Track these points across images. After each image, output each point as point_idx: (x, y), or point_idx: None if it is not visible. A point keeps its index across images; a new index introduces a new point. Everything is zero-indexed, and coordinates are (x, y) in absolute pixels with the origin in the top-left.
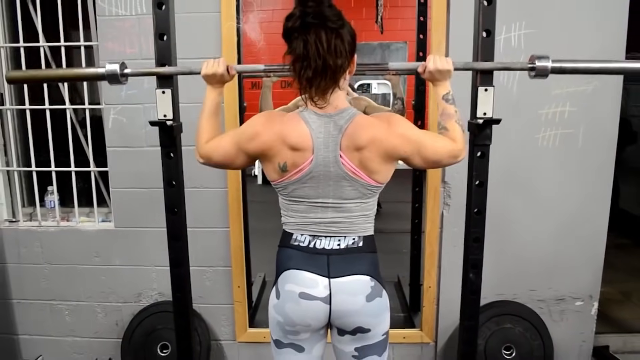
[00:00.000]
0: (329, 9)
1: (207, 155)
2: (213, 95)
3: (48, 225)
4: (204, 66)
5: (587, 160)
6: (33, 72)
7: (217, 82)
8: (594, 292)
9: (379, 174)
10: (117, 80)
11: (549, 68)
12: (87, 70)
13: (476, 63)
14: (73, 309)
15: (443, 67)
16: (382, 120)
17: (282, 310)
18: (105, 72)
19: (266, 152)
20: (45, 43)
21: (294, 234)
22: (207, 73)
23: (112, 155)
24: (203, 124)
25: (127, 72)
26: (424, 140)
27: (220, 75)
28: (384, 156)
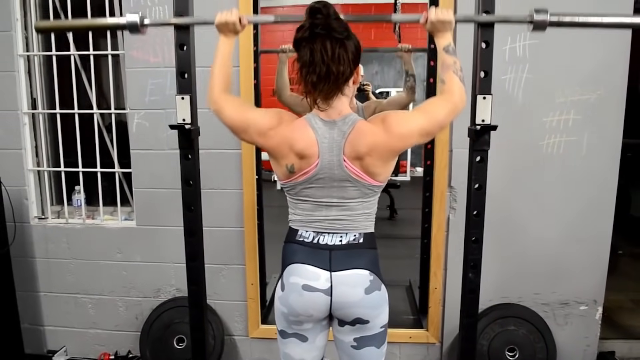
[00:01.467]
0: (335, 22)
1: (220, 107)
2: (225, 45)
3: (74, 223)
4: (218, 15)
5: (591, 167)
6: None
7: (229, 32)
8: (598, 297)
9: (381, 176)
10: (137, 30)
11: (547, 21)
12: (110, 20)
13: (477, 16)
14: (96, 302)
15: (444, 18)
16: (379, 125)
17: (287, 301)
18: (126, 22)
19: (273, 153)
20: (75, 52)
21: (299, 230)
22: (220, 21)
23: (135, 157)
24: (216, 72)
25: (147, 22)
26: (422, 123)
27: (232, 24)
28: (385, 159)
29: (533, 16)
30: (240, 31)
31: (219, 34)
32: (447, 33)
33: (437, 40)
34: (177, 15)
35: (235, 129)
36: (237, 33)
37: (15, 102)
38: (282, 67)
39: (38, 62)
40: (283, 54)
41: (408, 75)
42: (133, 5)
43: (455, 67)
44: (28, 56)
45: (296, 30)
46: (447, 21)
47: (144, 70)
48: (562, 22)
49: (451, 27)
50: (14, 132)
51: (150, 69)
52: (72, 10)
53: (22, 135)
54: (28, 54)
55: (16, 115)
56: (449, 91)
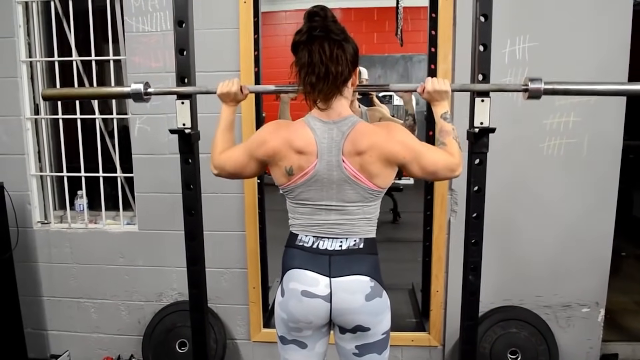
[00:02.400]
0: (333, 24)
1: (221, 165)
2: (227, 113)
3: (77, 227)
4: (220, 86)
5: (592, 169)
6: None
7: (231, 101)
8: (600, 299)
9: (378, 178)
10: (141, 99)
11: (541, 90)
12: (115, 89)
13: (472, 85)
14: (99, 306)
15: (440, 88)
16: (382, 128)
17: (286, 307)
18: (130, 91)
19: (274, 157)
20: (77, 57)
21: (299, 235)
22: (222, 92)
23: (137, 162)
24: (217, 138)
25: (150, 91)
26: (422, 150)
27: (234, 94)
28: (384, 160)
29: (528, 85)
30: (242, 100)
31: (221, 103)
32: (444, 102)
33: (434, 109)
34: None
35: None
36: (238, 102)
37: (18, 107)
38: (285, 107)
39: (40, 67)
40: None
41: (407, 115)
42: (134, 11)
43: (454, 133)
44: (31, 62)
45: (295, 34)
46: (444, 91)
47: (146, 75)
48: (556, 90)
49: (448, 96)
50: (17, 138)
51: (152, 74)
52: (74, 15)
53: (25, 140)
54: (31, 60)
55: (19, 121)
56: (450, 153)
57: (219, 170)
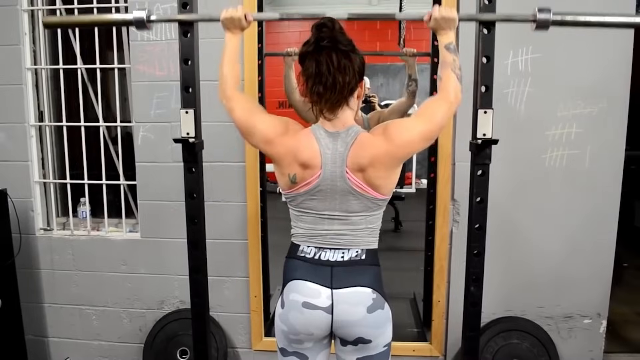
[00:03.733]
0: (340, 35)
1: (231, 108)
2: (233, 41)
3: (79, 234)
4: (223, 12)
5: (594, 180)
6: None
7: (235, 28)
8: (602, 310)
9: (384, 187)
10: (144, 25)
11: (550, 20)
12: (117, 16)
13: (479, 14)
14: (100, 314)
15: (447, 15)
16: (379, 136)
17: (287, 319)
18: (133, 18)
19: (277, 161)
20: (82, 65)
21: (301, 245)
22: (226, 17)
23: (140, 169)
24: (225, 69)
25: (153, 18)
26: (423, 128)
27: (237, 20)
28: (388, 168)
29: (536, 15)
30: (246, 27)
31: (225, 31)
32: (450, 31)
33: (439, 38)
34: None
35: (243, 130)
36: (242, 29)
37: (23, 114)
38: (289, 71)
39: (45, 75)
40: (289, 57)
41: (410, 80)
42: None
43: (454, 64)
44: (36, 69)
45: (302, 45)
46: (451, 18)
47: (150, 83)
48: (564, 21)
49: (454, 25)
50: (20, 144)
51: (156, 83)
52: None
53: (28, 147)
54: (36, 67)
55: (23, 128)
56: (445, 89)
57: (229, 105)
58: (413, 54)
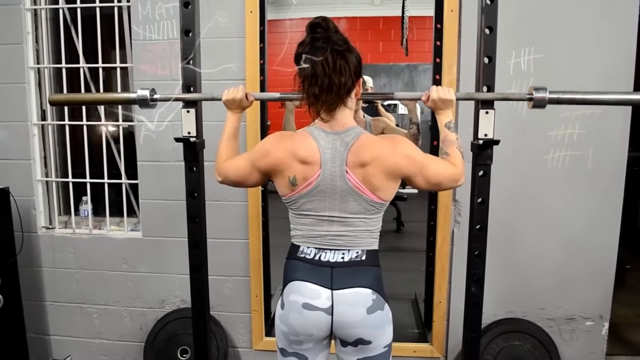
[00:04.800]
0: (335, 35)
1: (224, 173)
2: (232, 120)
3: (81, 233)
4: (225, 93)
5: (596, 182)
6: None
7: (236, 108)
8: (604, 312)
9: (381, 191)
10: (147, 105)
11: (546, 99)
12: (121, 95)
13: (477, 94)
14: (101, 312)
15: (445, 97)
16: (387, 140)
17: (286, 320)
18: (137, 97)
19: (277, 167)
20: (85, 64)
21: (301, 246)
22: (228, 98)
23: (142, 168)
24: (222, 146)
25: (156, 97)
26: (426, 162)
27: (239, 101)
28: (387, 173)
29: (532, 94)
30: (248, 106)
31: (227, 110)
32: (448, 110)
33: (438, 117)
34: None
35: (245, 173)
36: (244, 109)
37: (25, 113)
38: (289, 116)
39: (48, 74)
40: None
41: (412, 124)
42: (142, 19)
43: (458, 143)
44: (38, 68)
45: (297, 45)
46: (448, 100)
47: (152, 83)
48: (560, 99)
49: (452, 105)
50: (23, 143)
51: (158, 82)
52: (82, 23)
53: (31, 146)
54: (38, 66)
55: (26, 126)
56: (454, 164)
57: (222, 178)
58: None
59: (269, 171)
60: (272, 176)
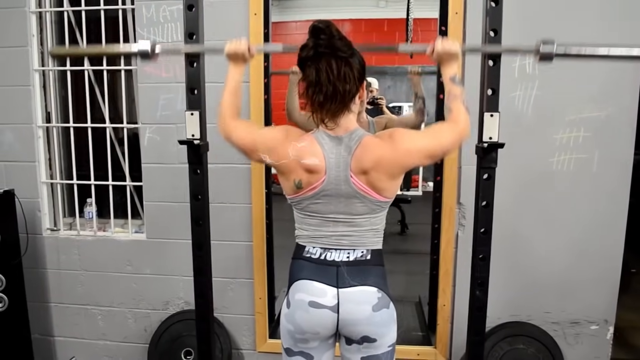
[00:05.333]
0: (339, 41)
1: (228, 134)
2: (235, 73)
3: (86, 235)
4: (228, 45)
5: (602, 185)
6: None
7: (239, 60)
8: (609, 316)
9: (387, 191)
10: (148, 57)
11: (553, 53)
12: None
13: (482, 46)
14: (106, 314)
15: (450, 49)
16: (385, 140)
17: (292, 318)
18: (137, 50)
19: (281, 169)
20: (89, 67)
21: (307, 246)
22: (230, 50)
23: (146, 171)
24: (225, 100)
25: (157, 50)
26: (428, 144)
27: (242, 53)
28: (391, 174)
29: (540, 47)
30: (249, 60)
31: (229, 62)
32: (453, 63)
33: (443, 70)
34: (187, 37)
35: (245, 150)
36: (246, 61)
37: (30, 115)
38: (293, 88)
39: (53, 76)
40: (294, 75)
41: (417, 98)
42: (146, 22)
43: (462, 97)
44: (43, 71)
45: (300, 49)
46: (453, 52)
47: (156, 85)
48: (568, 53)
49: (457, 58)
50: (28, 145)
51: (162, 85)
52: (86, 25)
53: (36, 148)
54: (43, 69)
55: (31, 129)
56: (456, 120)
57: (224, 136)
58: (418, 72)
59: (271, 165)
60: (276, 172)
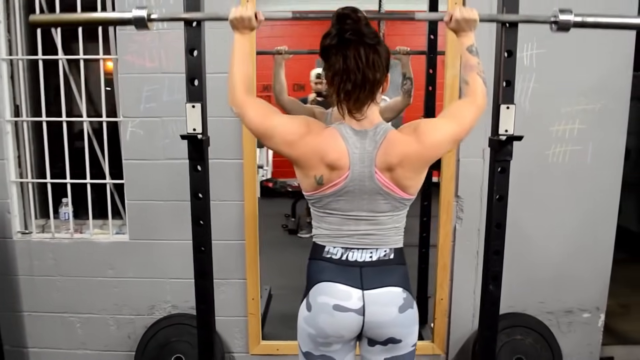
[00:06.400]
0: (366, 27)
1: (242, 111)
2: (242, 41)
3: (62, 237)
4: (232, 11)
5: (595, 176)
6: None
7: (245, 28)
8: (600, 304)
9: (411, 187)
10: (144, 25)
11: (571, 22)
12: (114, 15)
13: (501, 15)
14: (85, 321)
15: (469, 16)
16: (411, 135)
17: (315, 322)
18: (132, 17)
19: (301, 163)
20: (63, 56)
21: (326, 246)
22: (235, 16)
23: (128, 167)
24: (236, 70)
25: (155, 17)
26: (453, 130)
27: (248, 19)
28: (416, 169)
29: (558, 16)
30: (257, 27)
31: (234, 31)
32: (470, 33)
33: (460, 40)
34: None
35: (260, 135)
36: (252, 29)
37: None
38: (279, 69)
39: (22, 66)
40: (279, 55)
41: (405, 79)
42: (127, 7)
43: (479, 68)
44: (11, 60)
45: (323, 36)
46: (472, 19)
47: (140, 76)
48: (585, 22)
49: (475, 26)
50: None
51: (146, 75)
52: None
53: (4, 144)
54: (11, 58)
55: None
56: (473, 93)
57: (240, 111)
58: (406, 52)
59: (290, 159)
60: (293, 165)
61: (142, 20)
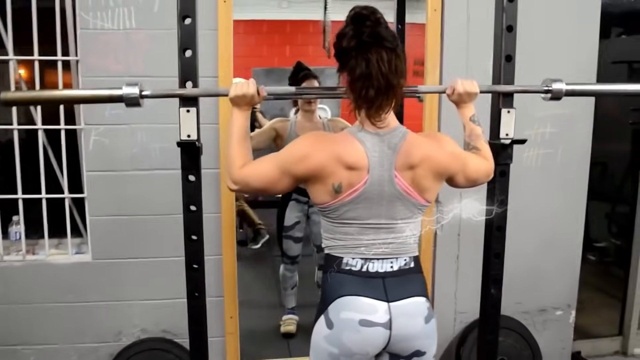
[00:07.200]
0: (385, 30)
1: (244, 181)
2: (241, 119)
3: (12, 260)
4: (233, 88)
5: (564, 178)
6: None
7: (245, 104)
8: (571, 301)
9: (428, 192)
10: (137, 103)
11: (563, 91)
12: (101, 92)
13: (499, 86)
14: (40, 353)
15: (470, 90)
16: (432, 139)
17: (338, 340)
18: (123, 94)
19: (319, 173)
20: (13, 57)
21: (344, 257)
22: (237, 94)
23: (91, 180)
24: (234, 150)
25: (147, 93)
26: (467, 160)
27: (250, 97)
28: (435, 174)
29: (550, 87)
30: (258, 103)
31: (233, 107)
32: (471, 104)
33: (462, 111)
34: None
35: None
36: (253, 105)
37: None
38: None
39: None
40: None
41: None
42: (91, 4)
43: (484, 136)
44: None
45: (337, 36)
46: (473, 93)
47: (104, 79)
48: (575, 90)
49: (476, 97)
50: None
51: (112, 79)
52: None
53: None
54: None
55: None
56: (485, 158)
57: (240, 186)
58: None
59: (306, 177)
60: (308, 182)
61: (135, 98)
